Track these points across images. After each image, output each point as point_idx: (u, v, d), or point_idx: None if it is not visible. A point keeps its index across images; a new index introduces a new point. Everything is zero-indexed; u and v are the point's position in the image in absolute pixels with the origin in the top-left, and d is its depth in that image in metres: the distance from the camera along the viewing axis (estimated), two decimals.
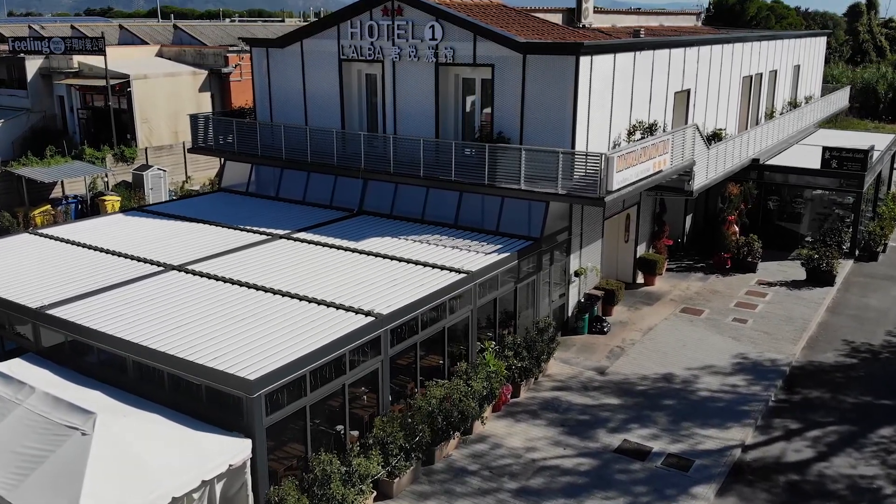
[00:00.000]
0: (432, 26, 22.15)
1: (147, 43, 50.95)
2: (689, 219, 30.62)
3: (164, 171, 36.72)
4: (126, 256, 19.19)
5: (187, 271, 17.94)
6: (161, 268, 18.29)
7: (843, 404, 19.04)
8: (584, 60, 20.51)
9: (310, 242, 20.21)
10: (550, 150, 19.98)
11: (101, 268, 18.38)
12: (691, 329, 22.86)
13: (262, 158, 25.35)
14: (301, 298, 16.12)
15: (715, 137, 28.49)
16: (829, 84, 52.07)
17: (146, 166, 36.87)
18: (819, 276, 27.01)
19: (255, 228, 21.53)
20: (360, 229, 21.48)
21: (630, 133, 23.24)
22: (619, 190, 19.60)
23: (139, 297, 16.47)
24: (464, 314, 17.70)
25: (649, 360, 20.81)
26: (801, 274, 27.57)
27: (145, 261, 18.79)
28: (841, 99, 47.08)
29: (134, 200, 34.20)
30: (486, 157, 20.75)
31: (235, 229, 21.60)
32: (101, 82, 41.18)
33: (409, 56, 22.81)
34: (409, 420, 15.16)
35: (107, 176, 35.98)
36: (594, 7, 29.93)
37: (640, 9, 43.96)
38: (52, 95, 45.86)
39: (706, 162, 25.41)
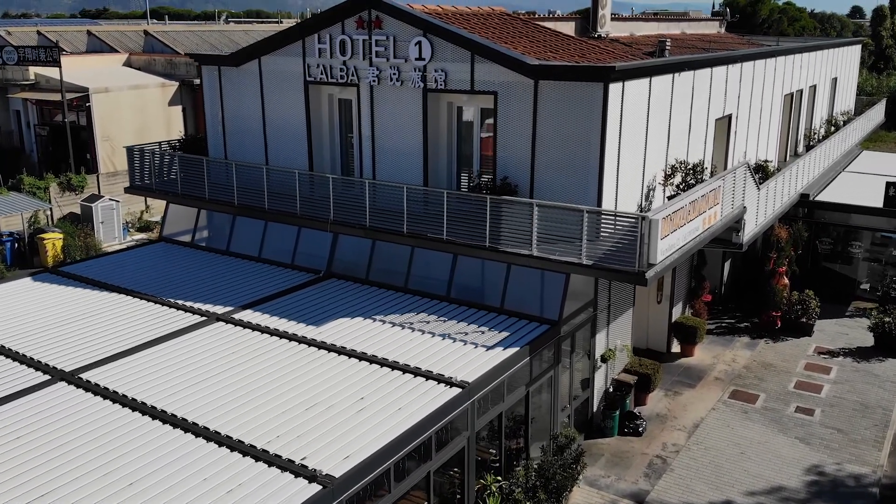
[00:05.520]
0: (419, 43, 17.37)
1: (117, 51, 46.24)
2: (727, 265, 25.85)
3: (117, 201, 31.92)
4: (8, 356, 14.36)
5: (79, 384, 13.12)
6: (48, 376, 13.48)
7: None
8: (615, 87, 15.76)
9: (255, 328, 15.40)
10: (573, 207, 15.15)
11: None
12: (747, 426, 18.04)
13: (210, 203, 20.57)
14: (221, 443, 11.28)
15: (760, 171, 23.75)
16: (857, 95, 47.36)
17: (96, 196, 32.09)
18: (890, 343, 22.24)
19: (188, 304, 16.70)
20: (325, 304, 16.70)
21: (668, 176, 18.48)
22: (663, 261, 14.84)
23: (6, 430, 11.72)
24: (457, 446, 12.91)
25: (700, 478, 15.99)
26: (865, 337, 22.81)
27: (31, 363, 13.95)
28: (878, 113, 42.49)
29: (79, 238, 29.42)
30: (488, 212, 15.99)
31: (163, 304, 16.79)
32: (58, 96, 36.54)
33: (391, 79, 18.03)
34: None
35: (50, 209, 31.21)
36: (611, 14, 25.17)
37: (656, 13, 39.35)
38: (7, 110, 41.30)
39: (756, 206, 20.68)
